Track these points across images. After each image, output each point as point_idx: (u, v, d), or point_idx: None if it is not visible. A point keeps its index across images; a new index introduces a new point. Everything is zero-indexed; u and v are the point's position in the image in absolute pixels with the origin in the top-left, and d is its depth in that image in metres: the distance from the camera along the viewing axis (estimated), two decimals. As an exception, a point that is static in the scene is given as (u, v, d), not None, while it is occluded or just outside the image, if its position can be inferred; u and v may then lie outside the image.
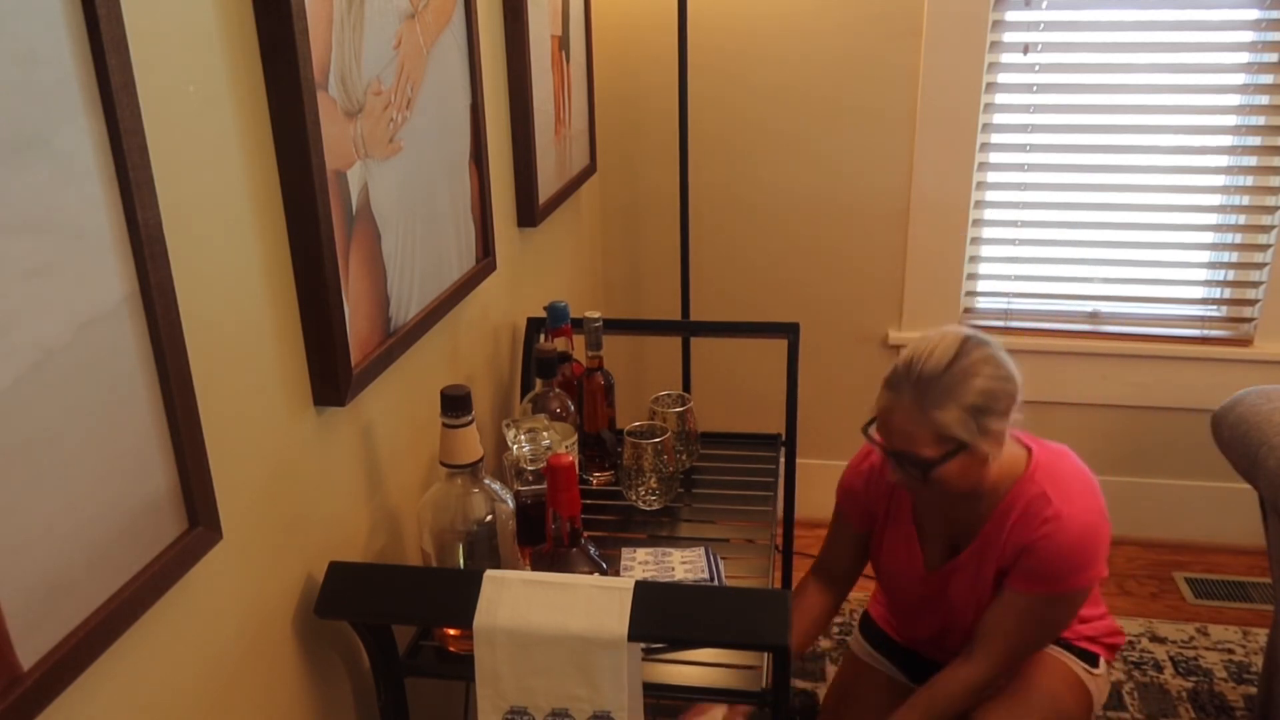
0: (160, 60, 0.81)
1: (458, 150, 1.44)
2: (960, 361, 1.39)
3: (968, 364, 1.39)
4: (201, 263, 0.88)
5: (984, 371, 1.39)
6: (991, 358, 1.41)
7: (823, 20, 2.41)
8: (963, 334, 1.43)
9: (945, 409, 1.37)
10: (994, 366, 1.40)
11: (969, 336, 1.43)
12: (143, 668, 0.82)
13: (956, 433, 1.38)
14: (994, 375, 1.40)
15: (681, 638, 1.01)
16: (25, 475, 0.67)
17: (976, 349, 1.41)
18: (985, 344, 1.43)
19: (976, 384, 1.38)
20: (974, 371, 1.39)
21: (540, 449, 1.38)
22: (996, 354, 1.42)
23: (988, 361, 1.40)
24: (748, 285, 2.69)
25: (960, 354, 1.40)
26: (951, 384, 1.38)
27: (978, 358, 1.40)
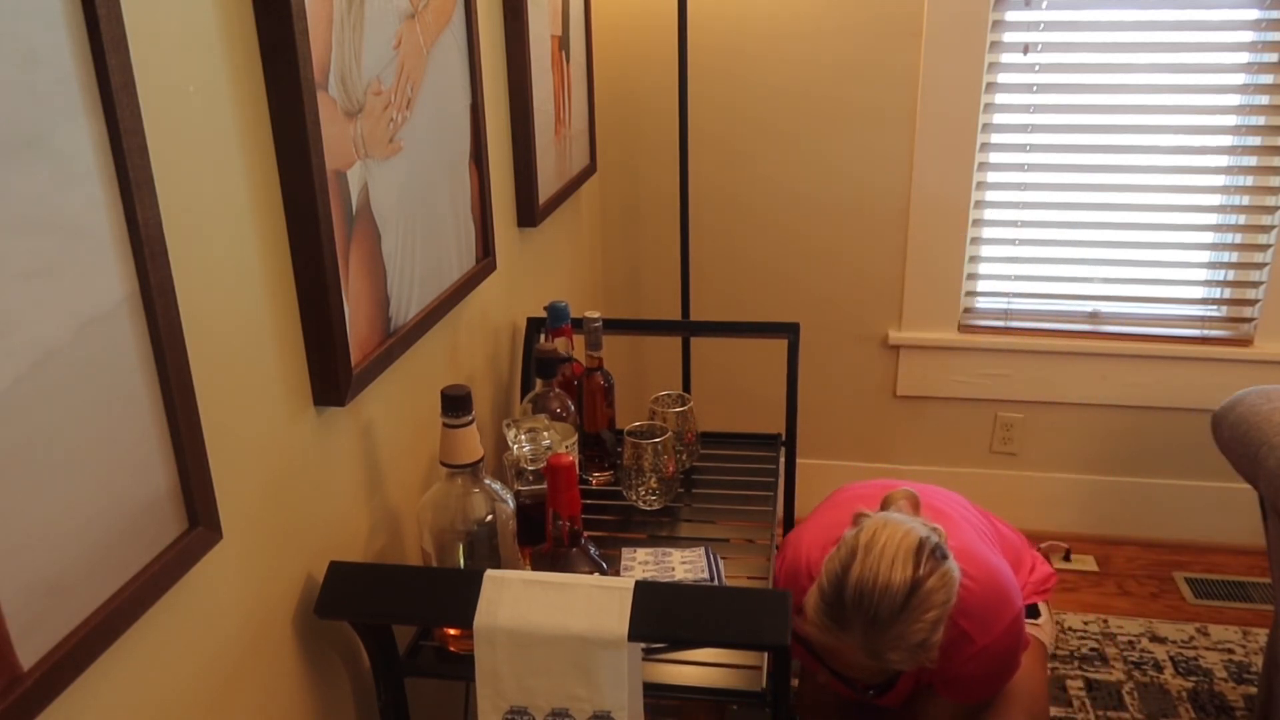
0: (160, 60, 0.81)
1: (458, 150, 1.44)
2: (915, 597, 1.26)
3: (921, 598, 1.27)
4: (201, 263, 0.88)
5: (935, 601, 1.27)
6: (942, 581, 1.28)
7: (823, 20, 2.41)
8: (911, 549, 1.28)
9: (898, 652, 1.28)
10: (944, 590, 1.28)
11: (918, 553, 1.28)
12: (143, 668, 0.82)
13: (905, 668, 1.32)
14: (944, 600, 1.28)
15: (681, 638, 1.01)
16: (25, 475, 0.67)
17: (928, 571, 1.28)
18: (934, 557, 1.29)
19: (928, 618, 1.27)
20: (927, 605, 1.27)
21: (540, 449, 1.38)
22: (943, 565, 1.29)
23: (938, 588, 1.28)
24: (748, 285, 2.69)
25: (914, 587, 1.26)
26: (905, 628, 1.27)
27: (930, 588, 1.27)
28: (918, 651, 1.28)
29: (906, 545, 1.29)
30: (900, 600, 1.26)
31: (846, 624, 1.29)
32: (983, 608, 1.41)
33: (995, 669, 1.46)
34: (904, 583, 1.26)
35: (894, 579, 1.26)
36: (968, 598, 1.39)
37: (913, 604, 1.26)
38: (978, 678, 1.45)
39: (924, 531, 1.32)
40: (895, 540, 1.30)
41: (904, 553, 1.28)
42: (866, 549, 1.30)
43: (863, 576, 1.28)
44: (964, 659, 1.41)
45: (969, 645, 1.41)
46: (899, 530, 1.32)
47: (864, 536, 1.32)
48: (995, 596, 1.43)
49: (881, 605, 1.26)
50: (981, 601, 1.41)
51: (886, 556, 1.28)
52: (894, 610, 1.26)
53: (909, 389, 2.72)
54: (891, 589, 1.26)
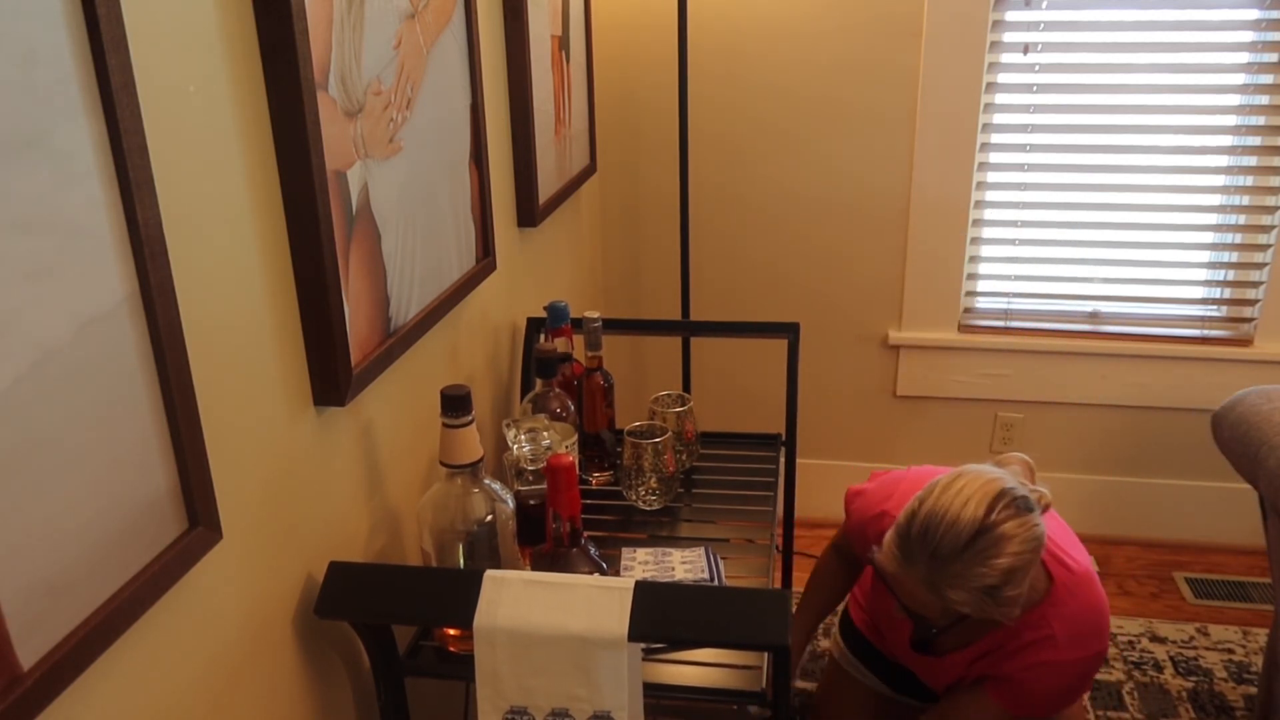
0: (160, 60, 0.81)
1: (458, 150, 1.44)
2: (981, 540, 1.24)
3: (990, 541, 1.24)
4: (201, 263, 0.88)
5: (1007, 549, 1.24)
6: (1017, 529, 1.25)
7: (823, 20, 2.41)
8: (990, 495, 1.26)
9: (958, 591, 1.26)
10: (1019, 540, 1.25)
11: (997, 499, 1.26)
12: (143, 668, 0.82)
13: (969, 610, 1.28)
14: (1018, 550, 1.25)
15: (681, 638, 1.01)
16: (25, 475, 0.67)
17: (1003, 518, 1.25)
18: (1013, 506, 1.26)
19: (998, 564, 1.24)
20: (996, 551, 1.24)
21: (540, 449, 1.38)
22: (1022, 516, 1.26)
23: (1012, 537, 1.25)
24: (748, 285, 2.69)
25: (982, 530, 1.24)
26: (967, 569, 1.24)
27: (1002, 533, 1.24)
28: (983, 598, 1.26)
29: (986, 490, 1.27)
30: (965, 538, 1.24)
31: (911, 556, 1.28)
32: (1081, 624, 1.39)
33: (1056, 690, 1.41)
34: (972, 521, 1.24)
35: (963, 516, 1.25)
36: (1073, 608, 1.38)
37: (980, 545, 1.24)
38: (1037, 690, 1.40)
39: (1012, 483, 1.29)
40: (976, 483, 1.28)
41: (980, 495, 1.26)
42: (945, 487, 1.29)
43: (934, 510, 1.27)
44: (1037, 661, 1.38)
45: (1051, 650, 1.37)
46: (983, 476, 1.30)
47: (949, 477, 1.31)
48: (1096, 625, 1.40)
49: (945, 540, 1.25)
50: (1084, 620, 1.39)
51: (962, 495, 1.27)
52: (957, 547, 1.24)
53: (909, 389, 2.72)
54: (958, 525, 1.24)
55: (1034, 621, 1.39)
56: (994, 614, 1.28)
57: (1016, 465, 1.42)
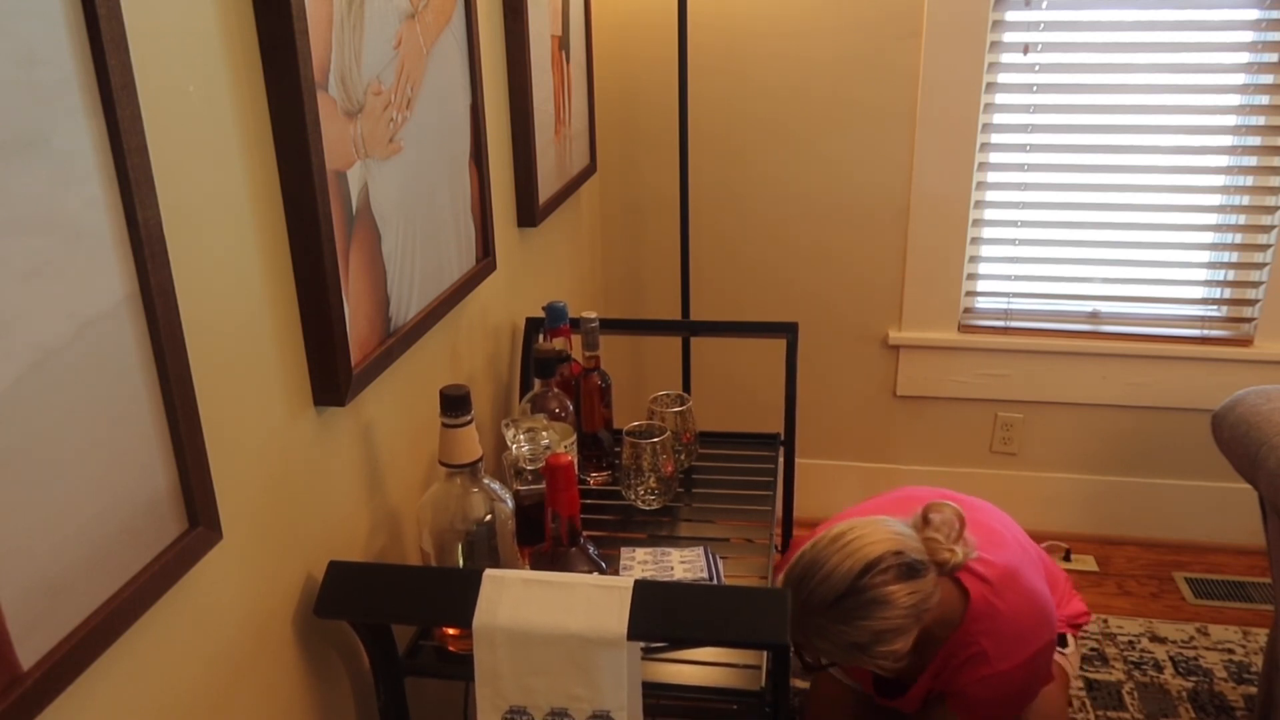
0: (160, 60, 0.81)
1: (458, 150, 1.44)
2: (848, 601, 1.25)
3: (858, 604, 1.25)
4: (201, 263, 0.88)
5: (877, 614, 1.25)
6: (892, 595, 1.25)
7: (823, 20, 2.41)
8: (869, 557, 1.27)
9: (823, 642, 1.28)
10: (892, 606, 1.25)
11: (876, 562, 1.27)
12: (143, 668, 0.83)
13: (835, 659, 1.31)
14: (889, 616, 1.26)
15: (681, 637, 1.01)
16: (25, 475, 0.67)
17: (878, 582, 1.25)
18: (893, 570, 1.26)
19: (865, 626, 1.25)
20: (864, 614, 1.25)
21: (539, 449, 1.38)
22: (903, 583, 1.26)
23: (885, 602, 1.25)
24: (748, 285, 2.69)
25: (850, 591, 1.25)
26: (830, 625, 1.26)
27: (873, 598, 1.25)
28: (852, 652, 1.28)
29: (869, 551, 1.28)
30: (833, 596, 1.27)
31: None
32: (1010, 633, 1.39)
33: (1005, 696, 1.42)
34: (843, 580, 1.27)
35: (836, 573, 1.27)
36: (996, 619, 1.38)
37: (846, 605, 1.26)
38: (985, 700, 1.42)
39: (903, 546, 1.30)
40: (865, 541, 1.30)
41: (861, 555, 1.28)
42: (834, 538, 1.31)
43: (814, 560, 1.30)
44: (975, 678, 1.39)
45: (984, 665, 1.38)
46: (874, 535, 1.31)
47: (845, 526, 1.33)
48: (1026, 624, 1.40)
49: (815, 593, 1.28)
50: (1011, 626, 1.39)
51: (845, 551, 1.29)
52: (824, 602, 1.27)
53: (909, 389, 2.72)
54: (830, 581, 1.27)
55: (961, 641, 1.40)
56: (867, 665, 1.30)
57: (949, 514, 1.41)
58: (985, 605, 1.39)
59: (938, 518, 1.41)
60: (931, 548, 1.36)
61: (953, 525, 1.41)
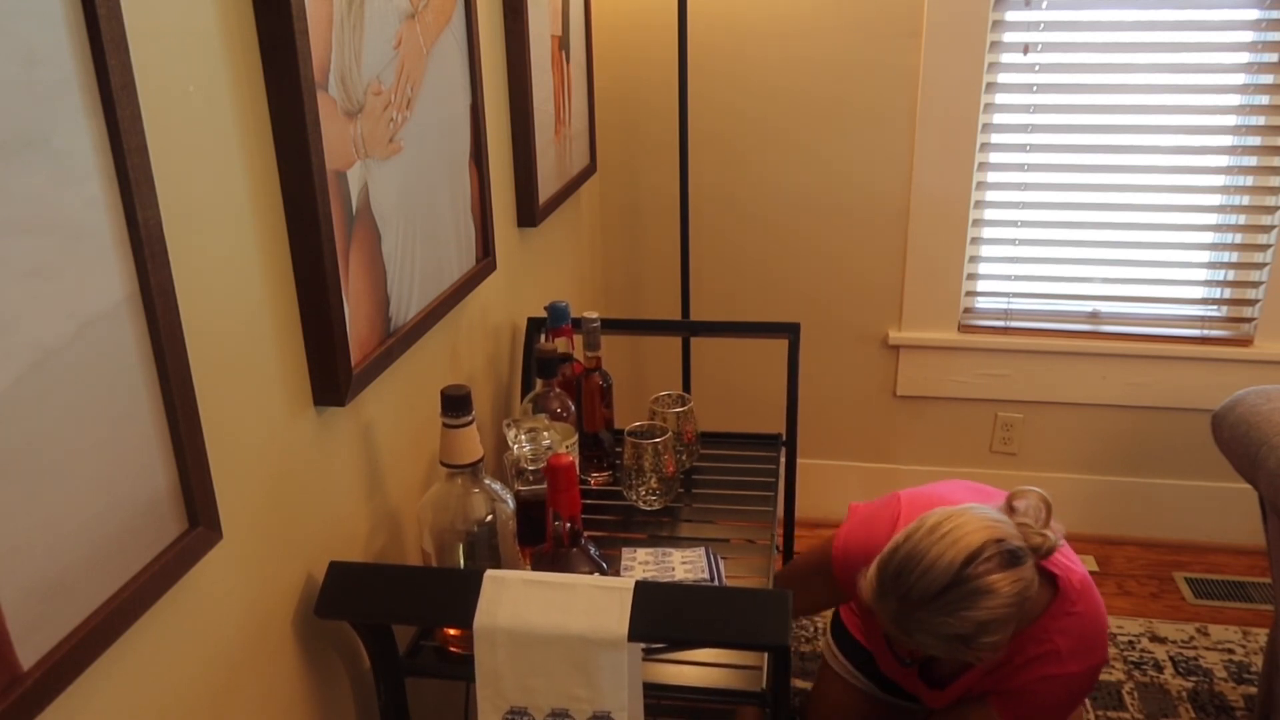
0: (160, 60, 0.81)
1: (458, 150, 1.44)
2: (953, 592, 1.21)
3: (963, 594, 1.21)
4: (201, 263, 0.88)
5: (983, 604, 1.21)
6: (997, 584, 1.22)
7: (823, 20, 2.41)
8: (974, 545, 1.23)
9: (926, 636, 1.25)
10: (998, 595, 1.22)
11: (980, 550, 1.23)
12: (143, 668, 0.82)
13: (938, 653, 1.27)
14: (995, 605, 1.22)
15: (681, 638, 1.01)
16: (25, 475, 0.67)
17: (983, 570, 1.22)
18: (997, 559, 1.22)
19: (970, 616, 1.22)
20: (969, 604, 1.22)
21: (540, 449, 1.38)
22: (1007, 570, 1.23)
23: (991, 591, 1.22)
24: (748, 285, 2.69)
25: (956, 582, 1.21)
26: (935, 617, 1.22)
27: (977, 587, 1.21)
28: (954, 644, 1.23)
29: (971, 540, 1.23)
30: (937, 588, 1.22)
31: (885, 593, 1.26)
32: (1082, 638, 1.37)
33: (1061, 702, 1.40)
34: (947, 571, 1.22)
35: (939, 565, 1.22)
36: (1074, 622, 1.36)
37: (951, 596, 1.22)
38: (1041, 703, 1.40)
39: (1003, 533, 1.25)
40: (963, 530, 1.25)
41: (964, 544, 1.23)
42: (932, 529, 1.26)
43: (912, 552, 1.25)
44: (1040, 676, 1.37)
45: (1055, 664, 1.36)
46: (974, 522, 1.26)
47: (940, 516, 1.28)
48: (1096, 634, 1.39)
49: (916, 586, 1.23)
50: (1084, 632, 1.37)
51: (945, 541, 1.24)
52: (927, 595, 1.22)
53: (909, 389, 2.72)
54: (932, 574, 1.22)
55: (1036, 635, 1.37)
56: (966, 657, 1.26)
57: (1034, 499, 1.37)
58: (1069, 604, 1.37)
59: (1023, 504, 1.37)
60: (1025, 533, 1.31)
61: (1040, 511, 1.36)
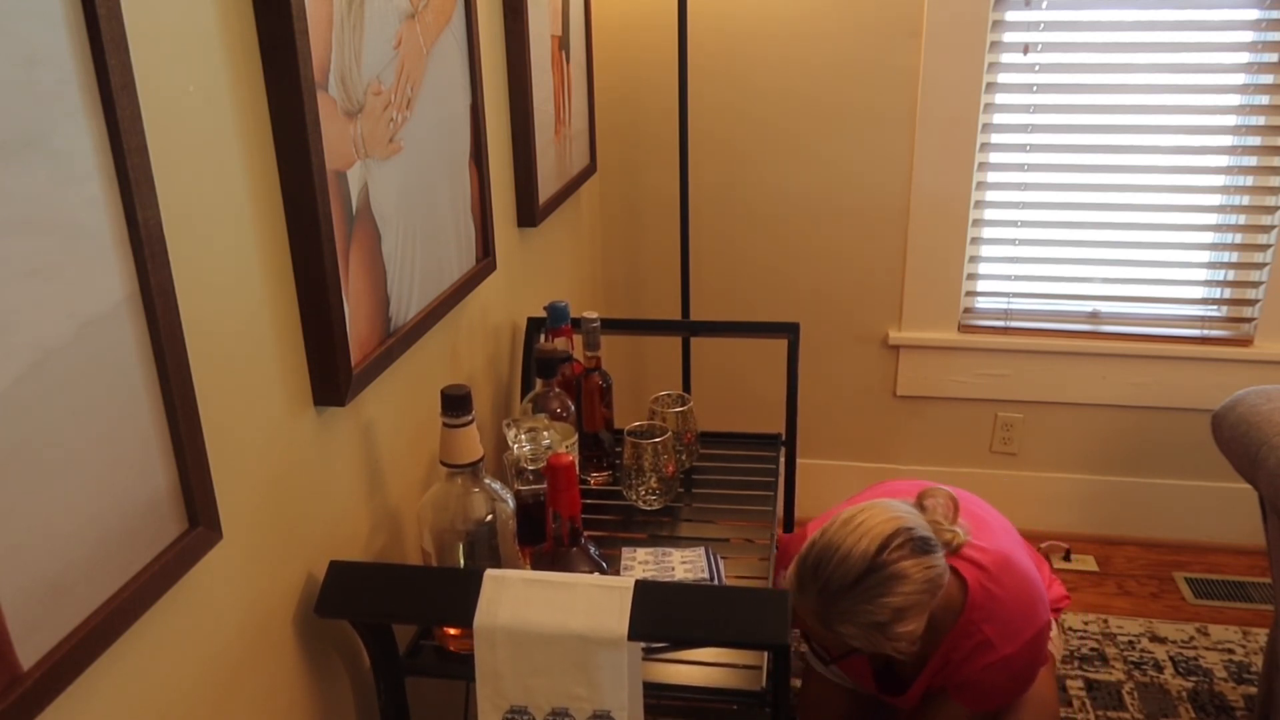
0: (160, 60, 0.81)
1: (458, 150, 1.44)
2: (870, 579, 1.26)
3: (879, 580, 1.26)
4: (201, 263, 0.88)
5: (898, 589, 1.26)
6: (910, 570, 1.26)
7: (823, 21, 2.41)
8: (885, 534, 1.28)
9: (847, 626, 1.28)
10: (911, 581, 1.26)
11: (891, 538, 1.27)
12: (143, 668, 0.82)
13: (859, 644, 1.31)
14: (909, 591, 1.26)
15: (681, 637, 1.01)
16: (25, 475, 0.67)
17: (895, 557, 1.26)
18: (908, 546, 1.27)
19: (886, 603, 1.26)
20: (885, 590, 1.26)
21: (540, 449, 1.38)
22: (918, 557, 1.27)
23: (904, 577, 1.26)
24: (748, 285, 2.69)
25: (871, 569, 1.26)
26: (855, 605, 1.26)
27: (892, 573, 1.26)
28: (872, 633, 1.28)
29: (882, 529, 1.29)
30: (853, 576, 1.26)
31: (804, 587, 1.31)
32: (1010, 617, 1.40)
33: (1012, 679, 1.44)
34: (862, 559, 1.27)
35: (853, 553, 1.27)
36: (995, 605, 1.39)
37: (868, 583, 1.26)
38: (994, 686, 1.44)
39: (912, 523, 1.31)
40: (874, 521, 1.30)
41: (876, 534, 1.28)
42: (844, 521, 1.31)
43: (829, 544, 1.30)
44: (983, 665, 1.41)
45: (990, 652, 1.40)
46: (883, 514, 1.32)
47: (851, 511, 1.34)
48: (1025, 608, 1.42)
49: (834, 576, 1.27)
50: (1010, 611, 1.40)
51: (858, 532, 1.29)
52: (845, 584, 1.27)
53: (909, 389, 2.72)
54: (848, 562, 1.27)
55: (965, 630, 1.41)
56: (885, 648, 1.30)
57: (942, 497, 1.44)
58: (984, 592, 1.40)
59: (932, 502, 1.44)
60: (935, 529, 1.37)
61: (948, 509, 1.44)
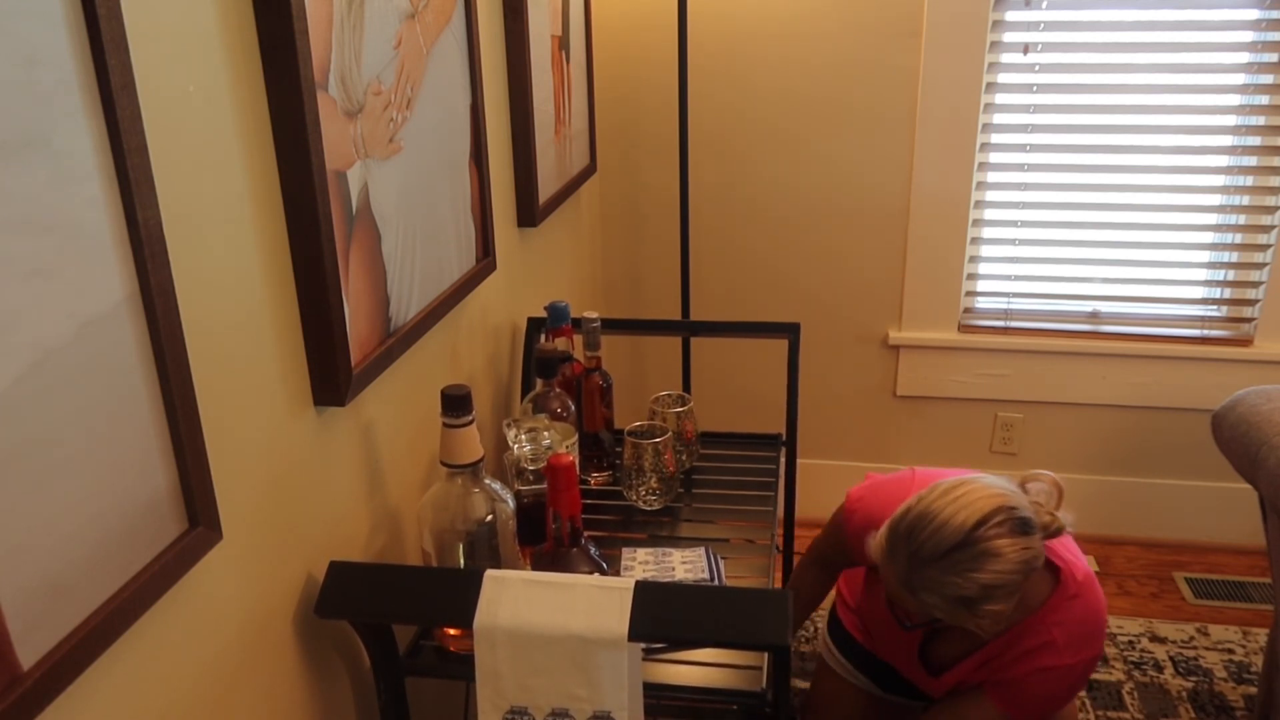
0: (160, 60, 0.81)
1: (458, 150, 1.44)
2: (962, 552, 1.23)
3: (972, 555, 1.23)
4: (201, 263, 0.88)
5: (989, 566, 1.23)
6: (1006, 549, 1.23)
7: (823, 20, 2.41)
8: (986, 509, 1.24)
9: (931, 595, 1.25)
10: (1005, 560, 1.23)
11: (992, 514, 1.24)
12: (143, 668, 0.82)
13: (942, 616, 1.28)
14: (1001, 570, 1.23)
15: (681, 638, 1.01)
16: (25, 475, 0.67)
17: (992, 534, 1.23)
18: (1008, 525, 1.24)
19: (975, 579, 1.23)
20: (976, 565, 1.23)
21: (541, 449, 1.38)
22: (1016, 537, 1.24)
23: (998, 555, 1.23)
24: (748, 285, 2.69)
25: (965, 542, 1.23)
26: (943, 576, 1.23)
27: (986, 549, 1.23)
28: (957, 607, 1.24)
29: (984, 503, 1.25)
30: (946, 546, 1.23)
31: (895, 550, 1.28)
32: (1081, 630, 1.38)
33: (1055, 694, 1.41)
34: (958, 530, 1.23)
35: (951, 523, 1.24)
36: (1071, 614, 1.38)
37: (959, 556, 1.23)
38: (1038, 693, 1.41)
39: (1015, 502, 1.27)
40: (976, 494, 1.26)
41: (976, 507, 1.24)
42: (946, 490, 1.28)
43: (926, 510, 1.26)
44: (1038, 668, 1.38)
45: (1051, 655, 1.37)
46: (988, 489, 1.28)
47: (954, 481, 1.30)
48: (1095, 627, 1.40)
49: (927, 543, 1.24)
50: (1082, 624, 1.39)
51: (959, 503, 1.25)
52: (936, 553, 1.23)
53: (909, 389, 2.72)
54: (943, 532, 1.23)
55: (1034, 627, 1.39)
56: (969, 624, 1.27)
57: (1047, 483, 1.39)
58: (1068, 597, 1.38)
59: (1035, 486, 1.38)
60: (1035, 510, 1.32)
61: (1053, 495, 1.38)
